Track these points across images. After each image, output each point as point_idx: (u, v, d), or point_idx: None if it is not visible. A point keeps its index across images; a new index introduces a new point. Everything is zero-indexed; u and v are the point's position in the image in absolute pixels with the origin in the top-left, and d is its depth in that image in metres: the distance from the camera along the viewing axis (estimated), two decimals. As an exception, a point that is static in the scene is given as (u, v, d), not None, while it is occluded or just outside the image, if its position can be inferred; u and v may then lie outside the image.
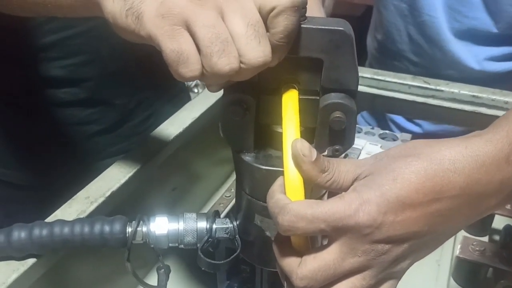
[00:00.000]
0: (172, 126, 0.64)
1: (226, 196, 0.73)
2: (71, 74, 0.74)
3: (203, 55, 0.34)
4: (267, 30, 0.35)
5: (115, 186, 0.52)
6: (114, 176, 0.54)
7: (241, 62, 0.34)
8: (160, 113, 0.89)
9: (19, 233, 0.43)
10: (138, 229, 0.44)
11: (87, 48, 0.74)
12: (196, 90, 1.81)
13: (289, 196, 0.34)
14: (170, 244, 0.44)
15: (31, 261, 0.43)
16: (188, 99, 1.00)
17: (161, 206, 0.57)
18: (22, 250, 0.43)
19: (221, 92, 0.40)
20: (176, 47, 0.34)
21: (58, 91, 0.75)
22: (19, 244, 0.42)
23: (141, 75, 0.82)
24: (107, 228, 0.43)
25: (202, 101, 0.70)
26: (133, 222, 0.44)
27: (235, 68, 0.34)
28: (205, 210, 0.75)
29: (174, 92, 0.94)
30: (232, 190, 0.74)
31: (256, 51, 0.34)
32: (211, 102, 0.70)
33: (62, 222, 0.44)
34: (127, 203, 0.54)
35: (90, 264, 0.53)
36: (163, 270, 0.59)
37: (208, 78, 0.35)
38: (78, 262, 0.50)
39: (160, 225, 0.44)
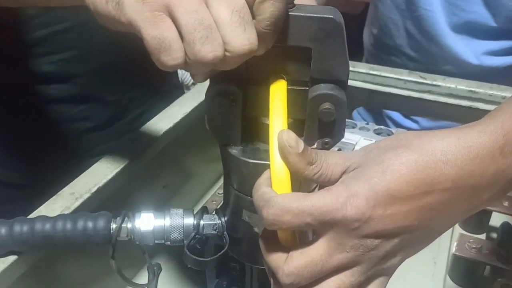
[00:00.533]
0: (163, 121, 0.63)
1: (219, 193, 0.71)
2: (61, 70, 0.73)
3: (186, 42, 0.32)
4: (253, 17, 0.33)
5: (101, 181, 0.51)
6: (101, 172, 0.53)
7: (225, 50, 0.32)
8: (153, 110, 0.87)
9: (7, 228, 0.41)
10: (122, 225, 0.43)
11: (78, 43, 0.73)
12: (192, 89, 1.80)
13: (275, 189, 0.33)
14: (156, 241, 0.43)
15: (12, 258, 0.42)
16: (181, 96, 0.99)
17: (151, 204, 0.55)
18: (2, 247, 0.42)
19: None
20: (157, 33, 0.32)
21: (48, 87, 0.74)
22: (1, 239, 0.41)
23: (134, 71, 0.81)
24: (90, 224, 0.42)
25: (193, 96, 0.69)
26: (118, 218, 0.43)
27: (219, 56, 0.32)
28: (198, 207, 0.73)
29: (168, 89, 0.93)
30: (225, 187, 0.73)
31: (241, 38, 0.32)
32: (203, 97, 0.68)
33: (44, 218, 0.42)
34: (114, 200, 0.53)
35: (76, 263, 0.51)
36: (154, 268, 0.58)
37: (192, 67, 0.33)
38: (63, 260, 0.49)
39: (146, 221, 0.42)
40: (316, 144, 0.38)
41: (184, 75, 1.59)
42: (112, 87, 0.79)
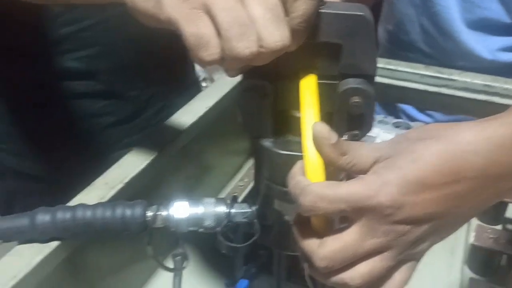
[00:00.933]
0: (186, 115, 0.65)
1: (239, 185, 0.74)
2: (86, 66, 0.75)
3: (222, 39, 0.34)
4: (286, 14, 0.35)
5: (133, 172, 0.53)
6: (132, 163, 0.55)
7: (260, 46, 0.34)
8: (172, 105, 0.89)
9: (43, 217, 0.44)
10: (158, 213, 0.45)
11: (101, 40, 0.75)
12: (204, 84, 1.82)
13: (309, 178, 0.35)
14: (190, 228, 0.45)
15: (54, 244, 0.44)
16: (199, 91, 1.01)
17: (176, 194, 0.58)
18: (45, 234, 0.44)
19: (234, 81, 0.41)
20: (196, 31, 0.34)
21: (73, 83, 0.76)
22: (42, 228, 0.43)
23: (154, 68, 0.83)
24: (128, 212, 0.44)
25: (215, 91, 0.71)
26: (153, 206, 0.45)
27: (254, 52, 0.34)
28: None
29: (186, 85, 0.95)
30: (246, 180, 0.75)
31: (275, 35, 0.34)
32: (225, 91, 0.70)
33: (84, 206, 0.45)
34: (144, 190, 0.55)
35: (107, 250, 0.54)
36: (179, 257, 0.60)
37: (227, 62, 0.35)
38: (97, 248, 0.51)
39: (180, 209, 0.45)
40: (345, 136, 0.40)
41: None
42: (133, 83, 0.81)
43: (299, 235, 0.36)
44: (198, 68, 1.52)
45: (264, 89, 0.39)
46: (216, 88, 0.72)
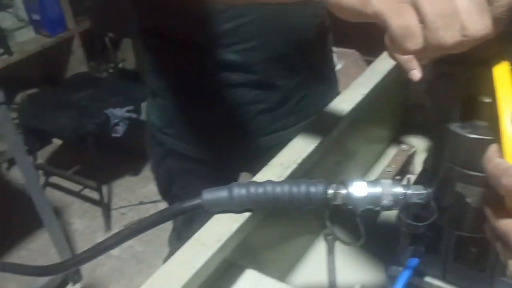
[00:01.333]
0: (344, 102, 0.68)
1: (387, 171, 0.76)
2: (243, 59, 0.82)
3: (428, 30, 0.37)
4: (489, 3, 0.37)
5: (304, 154, 0.58)
6: (300, 147, 0.60)
7: (463, 35, 0.36)
8: (314, 93, 0.94)
9: (239, 190, 0.50)
10: (338, 191, 0.49)
11: (257, 35, 0.81)
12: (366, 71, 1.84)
13: (508, 160, 0.36)
14: (367, 206, 0.49)
15: (247, 214, 0.51)
16: (336, 80, 1.04)
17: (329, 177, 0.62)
18: (240, 205, 0.51)
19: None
20: (403, 22, 0.37)
21: (231, 74, 0.84)
22: (239, 200, 0.50)
23: (300, 58, 0.88)
24: (312, 189, 0.49)
25: (368, 79, 0.74)
26: (333, 185, 0.49)
27: (458, 41, 0.36)
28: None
29: (326, 74, 0.99)
30: (393, 166, 0.77)
31: (479, 24, 0.36)
32: (377, 79, 0.73)
33: (272, 182, 0.50)
34: (310, 171, 0.60)
35: (271, 226, 0.59)
36: (331, 236, 0.65)
37: (429, 51, 0.38)
38: (276, 219, 0.57)
39: (360, 189, 0.48)
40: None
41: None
42: (282, 73, 0.87)
43: (493, 215, 0.38)
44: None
45: (456, 75, 0.41)
46: (368, 77, 0.74)
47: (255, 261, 0.57)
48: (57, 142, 2.46)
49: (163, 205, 2.10)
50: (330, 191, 0.49)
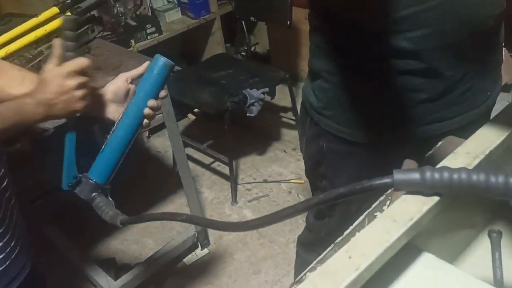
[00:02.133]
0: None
1: None
2: (414, 46, 0.82)
3: None
4: None
5: (491, 146, 0.57)
6: (488, 138, 0.59)
7: None
8: (478, 86, 0.91)
9: (432, 174, 0.51)
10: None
11: (432, 22, 0.80)
12: None
13: None
14: None
15: (436, 198, 0.52)
16: (500, 74, 0.99)
17: None
18: (432, 188, 0.52)
19: None
20: None
21: (399, 61, 0.84)
22: (431, 183, 0.51)
23: (471, 48, 0.85)
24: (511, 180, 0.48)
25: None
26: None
27: None
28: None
29: (492, 67, 0.94)
30: None
31: None
32: None
33: (467, 169, 0.51)
34: (498, 162, 0.59)
35: (451, 211, 0.59)
36: (495, 234, 0.63)
37: None
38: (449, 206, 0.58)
39: None
40: None
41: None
42: (450, 62, 0.85)
43: None
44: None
45: None
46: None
47: (428, 244, 0.58)
48: (191, 117, 2.66)
49: (285, 185, 2.18)
50: (531, 185, 0.48)
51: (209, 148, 2.23)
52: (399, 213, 0.51)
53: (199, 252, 1.89)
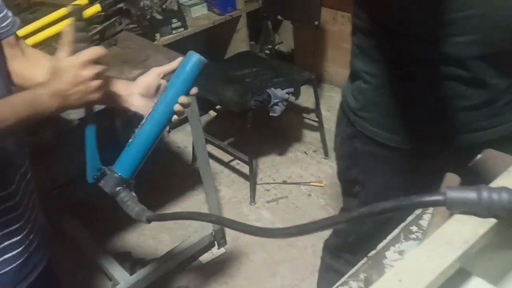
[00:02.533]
0: None
1: None
2: (459, 53, 0.78)
3: None
4: None
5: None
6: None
7: None
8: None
9: (489, 195, 0.47)
10: None
11: (480, 29, 0.76)
12: None
13: None
14: None
15: (493, 220, 0.48)
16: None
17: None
18: (488, 209, 0.48)
19: None
20: None
21: (444, 67, 0.80)
22: (488, 204, 0.47)
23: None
24: None
25: None
26: None
27: None
28: None
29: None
30: None
31: None
32: None
33: (531, 192, 0.47)
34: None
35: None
36: None
37: None
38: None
39: None
40: None
41: None
42: (495, 72, 0.81)
43: None
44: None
45: None
46: None
47: (475, 268, 0.54)
48: (212, 113, 2.64)
49: (305, 187, 2.14)
50: None
51: (229, 146, 2.20)
52: (453, 235, 0.47)
53: (216, 251, 1.87)
